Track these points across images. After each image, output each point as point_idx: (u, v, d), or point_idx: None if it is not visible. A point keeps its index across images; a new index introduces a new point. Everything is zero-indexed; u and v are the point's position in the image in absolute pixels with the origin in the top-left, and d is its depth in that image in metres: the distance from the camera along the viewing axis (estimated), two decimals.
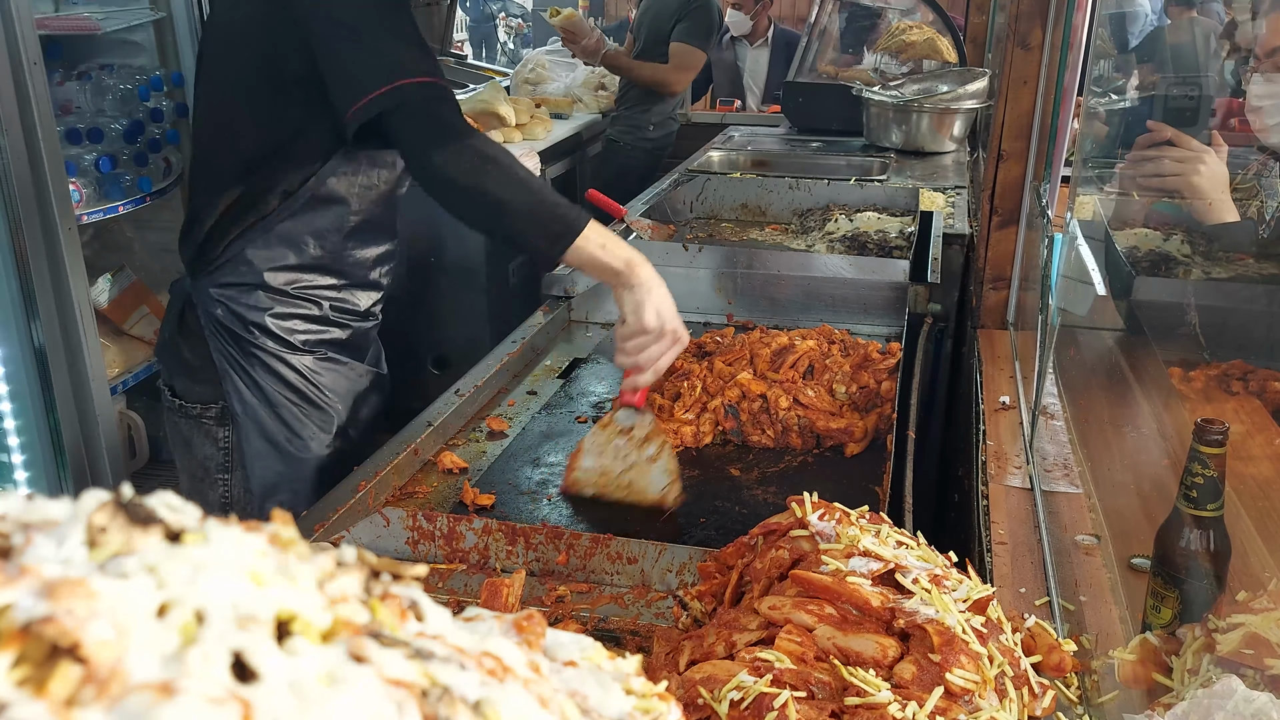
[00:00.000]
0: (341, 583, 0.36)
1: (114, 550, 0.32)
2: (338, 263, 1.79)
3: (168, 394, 1.83)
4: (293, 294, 1.74)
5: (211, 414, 1.78)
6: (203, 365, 1.76)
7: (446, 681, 0.35)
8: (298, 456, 1.78)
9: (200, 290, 1.75)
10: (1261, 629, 0.91)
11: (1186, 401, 1.59)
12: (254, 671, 0.31)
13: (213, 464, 1.81)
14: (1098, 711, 1.05)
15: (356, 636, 0.34)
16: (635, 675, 0.49)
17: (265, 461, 1.77)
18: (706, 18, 4.29)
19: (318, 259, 1.75)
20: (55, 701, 0.28)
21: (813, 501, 1.09)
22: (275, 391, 1.75)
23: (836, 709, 0.85)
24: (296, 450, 1.78)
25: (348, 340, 1.85)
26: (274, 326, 1.73)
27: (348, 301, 1.84)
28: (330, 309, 1.80)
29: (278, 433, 1.76)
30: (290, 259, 1.73)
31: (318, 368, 1.80)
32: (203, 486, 1.82)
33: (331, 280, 1.80)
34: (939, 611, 0.92)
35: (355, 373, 1.87)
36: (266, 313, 1.73)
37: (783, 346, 1.89)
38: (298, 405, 1.77)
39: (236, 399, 1.75)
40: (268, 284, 1.72)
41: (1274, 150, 1.77)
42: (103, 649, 0.29)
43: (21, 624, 0.28)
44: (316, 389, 1.79)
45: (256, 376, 1.74)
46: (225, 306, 1.72)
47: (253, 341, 1.72)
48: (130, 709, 0.28)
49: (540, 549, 1.35)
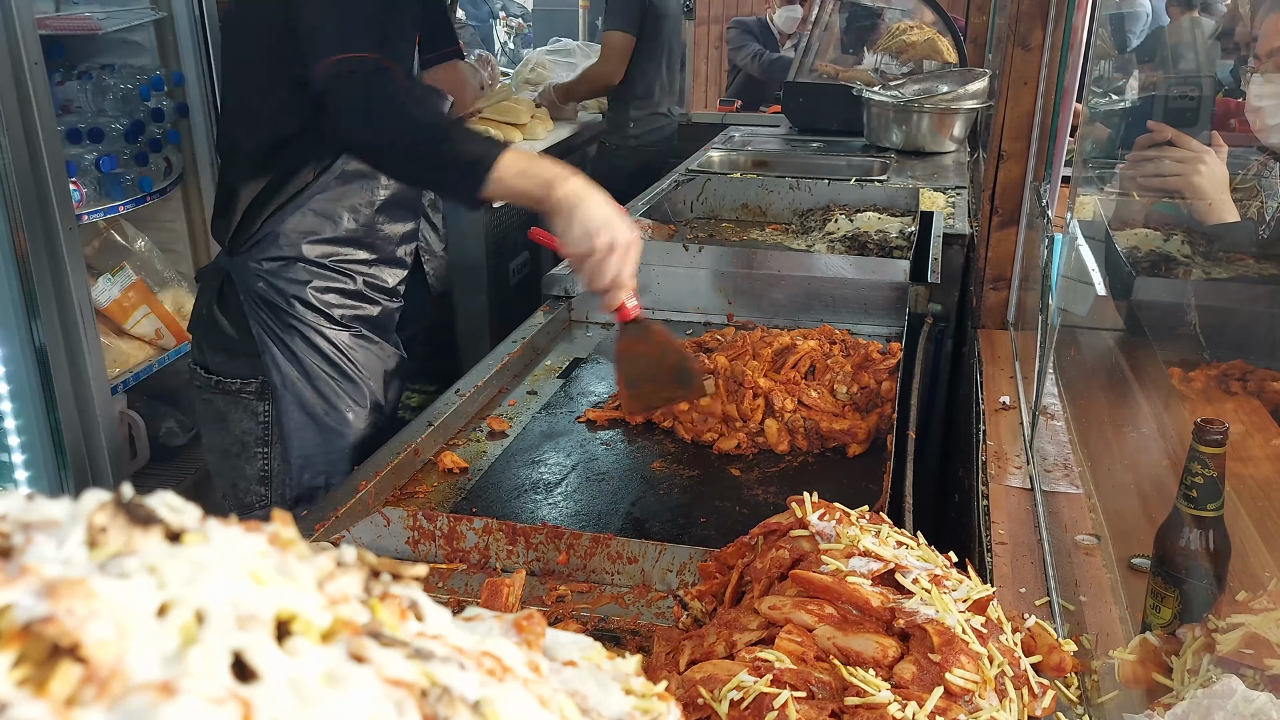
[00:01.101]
0: (341, 583, 0.36)
1: (114, 550, 0.32)
2: (370, 236, 1.83)
3: (201, 372, 1.86)
4: (330, 267, 1.79)
5: (251, 389, 1.82)
6: (242, 340, 1.80)
7: (446, 681, 0.35)
8: (335, 429, 1.83)
9: (239, 266, 1.78)
10: (1261, 629, 0.91)
11: (1186, 401, 1.59)
12: (254, 671, 0.31)
13: (251, 438, 1.84)
14: (1098, 711, 1.05)
15: (356, 636, 0.34)
16: (635, 675, 0.49)
17: (304, 434, 1.81)
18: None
19: (352, 232, 1.80)
20: (56, 701, 0.28)
21: (813, 501, 1.09)
22: (314, 364, 1.80)
23: (836, 709, 0.85)
24: (335, 423, 1.82)
25: (378, 319, 1.90)
26: (314, 299, 1.78)
27: (378, 278, 1.88)
28: (364, 284, 1.85)
29: (316, 405, 1.81)
30: (326, 231, 1.77)
31: (352, 344, 1.85)
32: (239, 462, 1.86)
33: (364, 255, 1.84)
34: (939, 611, 0.92)
35: (384, 352, 1.92)
36: (307, 285, 1.78)
37: (784, 346, 1.89)
38: (334, 379, 1.82)
39: (275, 372, 1.79)
40: (305, 257, 1.77)
41: (1274, 150, 1.77)
42: (103, 649, 0.29)
43: (22, 624, 0.28)
44: (352, 364, 1.84)
45: (296, 349, 1.79)
46: (266, 280, 1.77)
47: (292, 313, 1.77)
48: (131, 709, 0.28)
49: (540, 549, 1.35)
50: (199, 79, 2.92)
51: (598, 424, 1.83)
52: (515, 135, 4.07)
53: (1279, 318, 1.72)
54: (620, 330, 1.61)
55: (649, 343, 1.60)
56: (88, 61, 2.88)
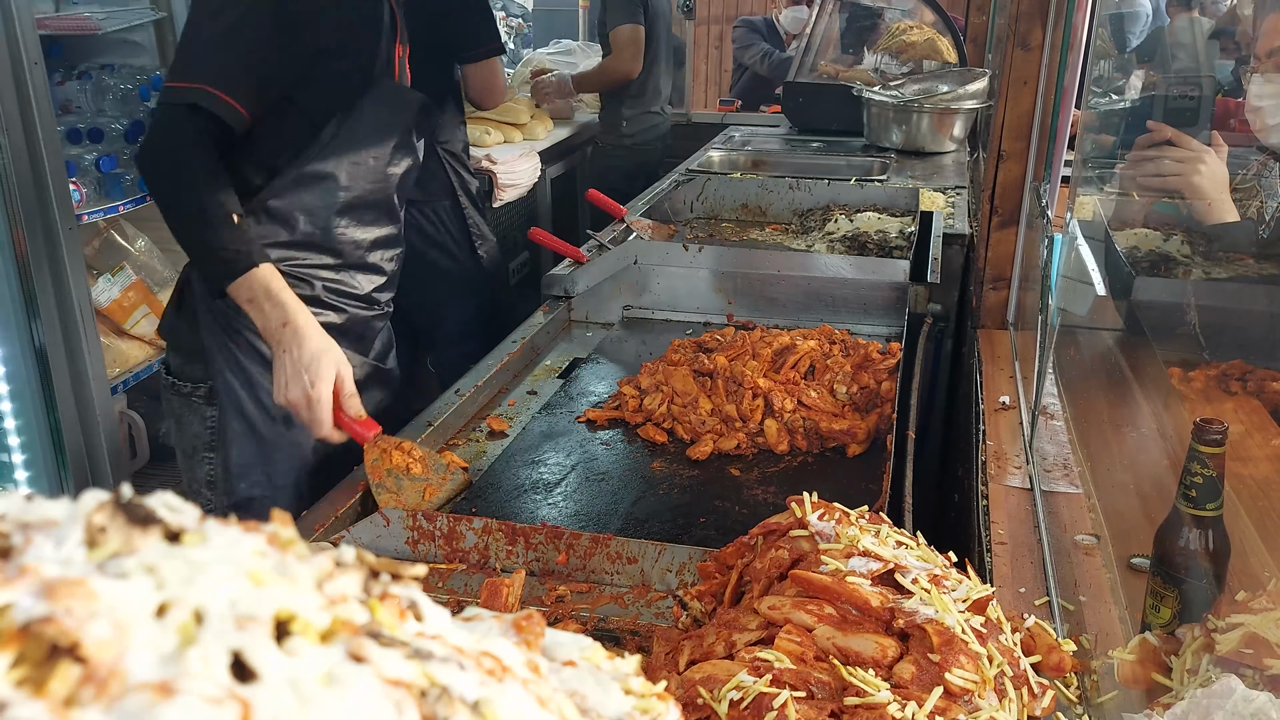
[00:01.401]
0: (340, 583, 0.36)
1: (113, 550, 0.32)
2: (329, 240, 1.79)
3: (164, 373, 1.86)
4: (284, 272, 1.72)
5: (201, 393, 1.80)
6: (196, 344, 1.78)
7: (445, 681, 0.35)
8: (273, 440, 1.78)
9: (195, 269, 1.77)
10: (1261, 629, 0.91)
11: (1186, 401, 1.59)
12: (253, 671, 0.31)
13: (200, 442, 1.82)
14: (1097, 711, 1.05)
15: (355, 636, 0.34)
16: (634, 675, 0.49)
17: (243, 443, 1.78)
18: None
19: (309, 235, 1.77)
20: (54, 701, 0.28)
21: (812, 501, 1.09)
22: (257, 373, 1.75)
23: (836, 709, 0.85)
24: (270, 434, 1.78)
25: (345, 326, 1.84)
26: None
27: (345, 284, 1.84)
28: (324, 289, 1.81)
29: (255, 414, 1.77)
30: (282, 235, 1.75)
31: None
32: (192, 464, 1.85)
33: (326, 259, 1.81)
34: (938, 611, 0.92)
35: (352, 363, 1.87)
36: None
37: (784, 346, 1.89)
38: None
39: (220, 378, 1.76)
40: None
41: (1274, 150, 1.77)
42: (102, 649, 0.29)
43: (21, 624, 0.28)
44: None
45: (240, 355, 1.75)
46: None
47: (239, 320, 1.71)
48: (129, 709, 0.28)
49: (540, 549, 1.35)
50: None
51: (597, 424, 1.83)
52: (516, 135, 4.07)
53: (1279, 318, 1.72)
54: (365, 452, 1.58)
55: (393, 454, 1.57)
56: (87, 61, 2.89)
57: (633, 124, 4.32)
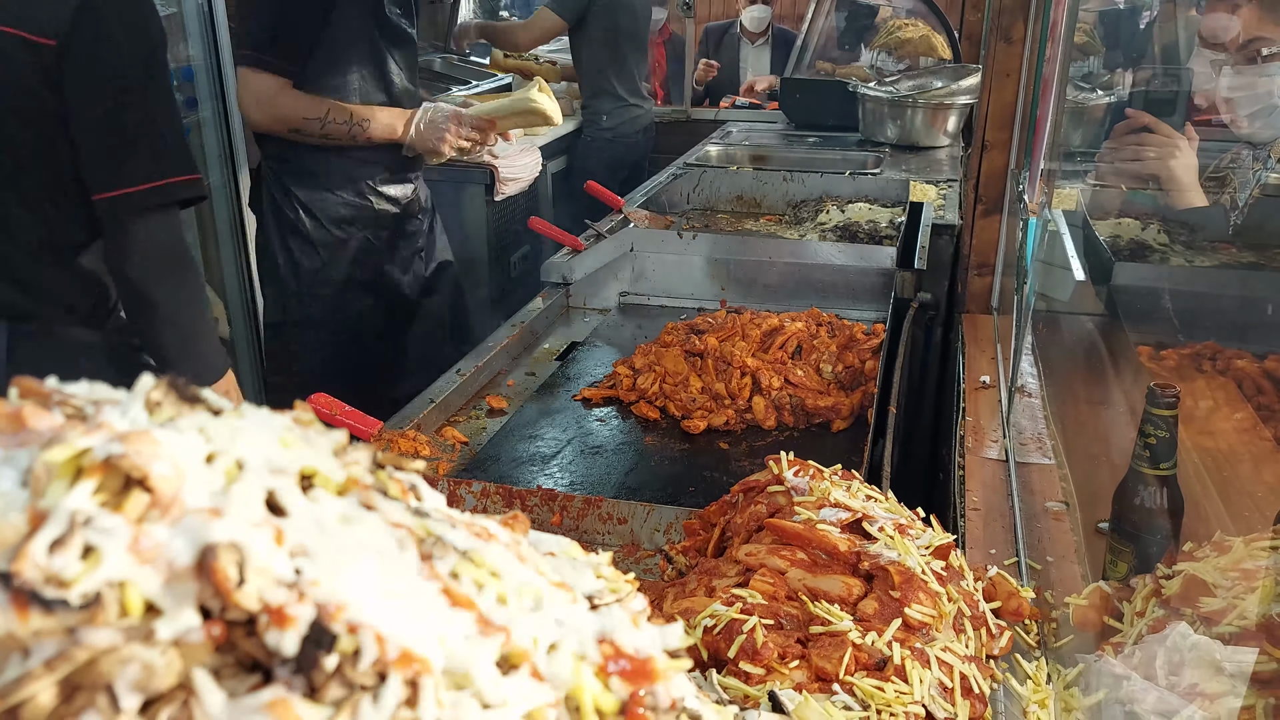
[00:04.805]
0: (353, 454, 0.43)
1: (169, 416, 0.40)
2: None
3: None
4: None
5: None
6: None
7: (439, 533, 0.42)
8: None
9: None
10: (1200, 572, 0.99)
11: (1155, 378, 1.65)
12: (283, 509, 0.38)
13: None
14: (1055, 654, 1.12)
15: (366, 491, 0.41)
16: (605, 565, 0.56)
17: None
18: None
19: None
20: (130, 518, 0.35)
21: (789, 460, 1.16)
22: None
23: (802, 637, 0.92)
24: None
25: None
26: None
27: None
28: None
29: None
30: None
31: None
32: None
33: None
34: (900, 555, 0.99)
35: None
36: None
37: (772, 328, 1.96)
38: None
39: None
40: None
41: (1247, 140, 1.84)
42: (165, 482, 0.36)
43: (101, 459, 0.36)
44: None
45: None
46: None
47: None
48: (188, 525, 0.35)
49: (536, 510, 1.42)
50: (207, 74, 3.00)
51: (593, 402, 1.90)
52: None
53: (1249, 301, 1.79)
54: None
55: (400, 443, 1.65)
56: None
57: (613, 118, 4.41)
